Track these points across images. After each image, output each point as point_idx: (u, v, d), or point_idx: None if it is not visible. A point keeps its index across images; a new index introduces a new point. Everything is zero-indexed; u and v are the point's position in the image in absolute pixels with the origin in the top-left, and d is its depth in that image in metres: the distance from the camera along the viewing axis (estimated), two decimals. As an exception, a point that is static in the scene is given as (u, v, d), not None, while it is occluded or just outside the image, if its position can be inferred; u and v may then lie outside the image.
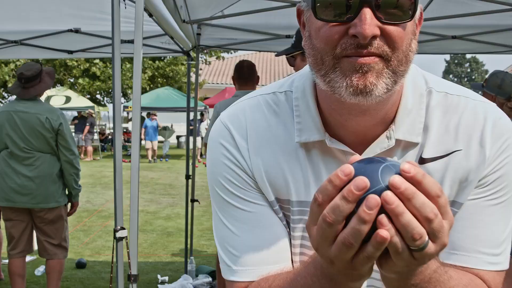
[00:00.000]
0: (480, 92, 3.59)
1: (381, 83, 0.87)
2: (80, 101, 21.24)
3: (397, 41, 0.87)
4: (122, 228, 2.74)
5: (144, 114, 23.26)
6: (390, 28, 0.86)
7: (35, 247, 4.39)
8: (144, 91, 24.25)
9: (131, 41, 5.58)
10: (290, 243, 1.04)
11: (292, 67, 3.04)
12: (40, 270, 5.76)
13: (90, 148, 20.80)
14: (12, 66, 22.17)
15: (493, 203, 0.99)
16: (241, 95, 4.17)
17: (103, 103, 26.69)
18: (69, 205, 4.41)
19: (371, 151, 0.98)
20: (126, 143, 26.48)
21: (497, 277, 1.00)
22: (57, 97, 20.74)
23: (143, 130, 20.87)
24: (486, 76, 3.62)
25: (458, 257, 0.99)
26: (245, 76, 4.29)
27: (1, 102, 25.51)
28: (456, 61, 68.26)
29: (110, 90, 25.40)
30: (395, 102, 0.98)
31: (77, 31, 5.39)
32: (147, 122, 20.87)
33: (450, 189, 0.99)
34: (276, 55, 3.46)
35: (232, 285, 1.04)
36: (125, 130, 28.55)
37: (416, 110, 1.00)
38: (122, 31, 5.37)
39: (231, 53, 24.41)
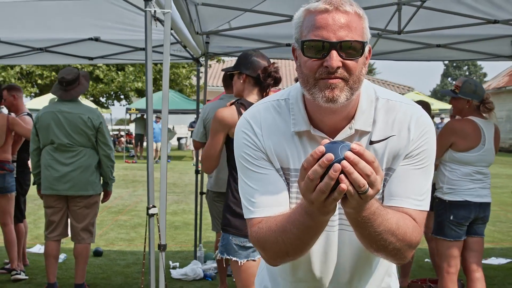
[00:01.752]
0: (449, 97, 4.13)
1: (343, 95, 1.41)
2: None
3: (352, 70, 1.41)
4: (154, 206, 3.27)
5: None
6: (348, 62, 1.40)
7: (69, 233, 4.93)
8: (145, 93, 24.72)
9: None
10: (289, 195, 1.57)
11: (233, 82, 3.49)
12: (61, 257, 6.29)
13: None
14: (17, 69, 22.65)
15: (417, 167, 1.52)
16: (225, 98, 4.71)
17: (105, 105, 27.15)
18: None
19: (339, 137, 1.52)
20: (129, 145, 26.98)
21: (420, 215, 1.52)
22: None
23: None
24: (456, 84, 4.11)
25: (395, 201, 1.51)
26: (229, 82, 4.77)
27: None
28: (454, 65, 68.62)
29: (113, 93, 25.87)
30: (354, 106, 1.52)
31: (97, 39, 5.94)
32: (153, 124, 21.31)
33: (387, 160, 1.53)
34: (222, 70, 3.98)
35: (251, 221, 1.57)
36: (126, 132, 29.06)
37: (368, 111, 1.53)
38: (138, 39, 5.95)
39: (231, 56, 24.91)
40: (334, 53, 1.37)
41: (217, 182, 4.63)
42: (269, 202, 1.53)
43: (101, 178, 4.90)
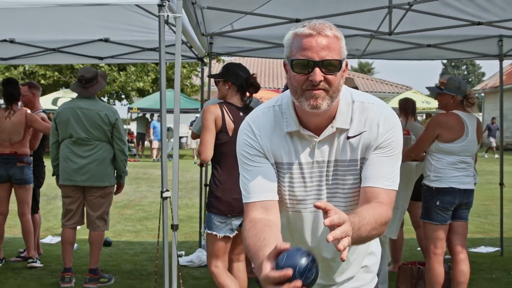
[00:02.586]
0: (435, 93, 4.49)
1: (325, 103, 1.72)
2: (86, 103, 21.95)
3: (332, 82, 1.72)
4: (167, 190, 3.62)
5: (148, 115, 24.11)
6: (328, 76, 1.70)
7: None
8: (147, 93, 25.11)
9: (153, 49, 6.53)
10: (281, 184, 1.89)
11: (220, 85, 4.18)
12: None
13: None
14: (21, 69, 22.97)
15: (386, 155, 1.83)
16: None
17: (107, 104, 27.37)
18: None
19: (324, 134, 1.82)
20: (130, 144, 27.27)
21: (390, 193, 1.82)
22: (64, 99, 21.52)
23: (151, 130, 21.71)
24: (441, 81, 4.46)
25: (369, 182, 1.81)
26: None
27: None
28: (453, 64, 68.91)
29: (114, 92, 26.20)
30: (334, 108, 1.81)
31: (106, 40, 6.29)
32: (155, 123, 21.75)
33: (361, 151, 1.84)
34: (208, 76, 4.64)
35: (247, 206, 1.89)
36: (128, 131, 29.36)
37: (346, 112, 1.83)
38: (145, 40, 6.27)
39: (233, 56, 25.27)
40: (317, 69, 1.69)
41: None
42: (259, 189, 1.87)
43: (115, 171, 5.25)
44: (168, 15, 3.46)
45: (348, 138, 1.85)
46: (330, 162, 1.86)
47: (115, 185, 5.33)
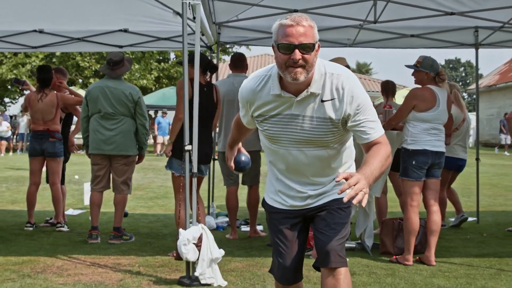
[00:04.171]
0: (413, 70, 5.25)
1: (302, 76, 2.34)
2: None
3: (308, 60, 2.32)
4: (189, 144, 4.36)
5: (151, 112, 24.86)
6: (305, 55, 2.31)
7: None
8: (150, 91, 25.88)
9: (167, 39, 7.29)
10: (259, 129, 2.64)
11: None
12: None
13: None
14: (28, 67, 23.74)
15: (365, 116, 2.44)
16: (231, 76, 6.26)
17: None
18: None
19: (300, 96, 2.42)
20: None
21: (382, 136, 2.47)
22: (70, 96, 22.21)
23: (155, 126, 22.47)
24: (418, 60, 5.20)
25: (367, 139, 2.45)
26: (236, 64, 6.24)
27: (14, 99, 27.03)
28: (451, 66, 69.68)
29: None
30: (310, 78, 2.40)
31: (126, 30, 7.05)
32: (160, 119, 22.52)
33: (332, 113, 2.43)
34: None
35: (238, 115, 2.84)
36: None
37: (318, 80, 2.42)
38: (161, 30, 7.03)
39: (231, 55, 26.03)
40: (297, 51, 2.31)
41: (225, 144, 5.76)
42: (245, 122, 2.76)
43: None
44: (189, 2, 4.21)
45: (323, 101, 2.45)
46: (305, 117, 2.47)
47: (137, 156, 6.08)
